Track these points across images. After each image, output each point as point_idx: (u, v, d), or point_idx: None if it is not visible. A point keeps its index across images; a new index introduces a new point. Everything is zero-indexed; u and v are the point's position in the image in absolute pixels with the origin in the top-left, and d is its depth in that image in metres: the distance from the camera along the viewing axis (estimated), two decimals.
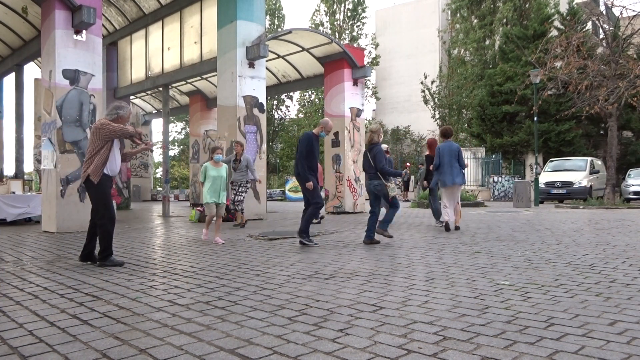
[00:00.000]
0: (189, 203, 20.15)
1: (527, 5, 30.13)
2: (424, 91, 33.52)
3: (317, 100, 34.62)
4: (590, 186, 18.89)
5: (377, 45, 36.74)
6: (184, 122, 42.16)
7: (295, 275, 4.60)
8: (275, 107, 36.77)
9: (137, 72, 16.97)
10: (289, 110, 38.67)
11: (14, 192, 11.50)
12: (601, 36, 20.66)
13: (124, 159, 5.65)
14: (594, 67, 16.00)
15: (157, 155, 39.87)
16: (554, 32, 23.97)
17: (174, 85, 18.20)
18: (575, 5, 26.89)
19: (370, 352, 2.50)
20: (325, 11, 35.58)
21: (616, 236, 7.27)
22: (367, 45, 35.63)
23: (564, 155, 23.86)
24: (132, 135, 5.33)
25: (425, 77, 33.10)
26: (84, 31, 9.40)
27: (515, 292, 3.75)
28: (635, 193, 18.20)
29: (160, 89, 16.31)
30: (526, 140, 25.80)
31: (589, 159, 20.63)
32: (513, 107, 24.69)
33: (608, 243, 6.51)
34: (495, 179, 23.10)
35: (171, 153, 39.68)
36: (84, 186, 5.49)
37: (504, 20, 30.93)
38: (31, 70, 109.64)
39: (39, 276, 4.73)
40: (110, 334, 2.85)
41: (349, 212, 13.88)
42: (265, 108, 12.34)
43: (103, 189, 5.26)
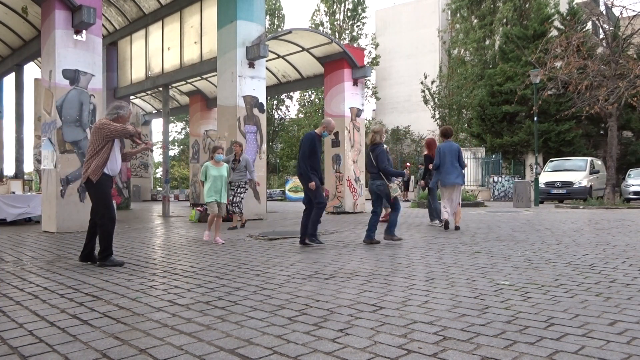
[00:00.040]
0: (189, 203, 20.14)
1: (527, 5, 30.11)
2: (424, 91, 33.50)
3: (317, 100, 34.60)
4: (590, 186, 18.89)
5: (377, 45, 36.73)
6: (184, 122, 42.15)
7: (295, 275, 4.60)
8: (275, 107, 36.76)
9: (137, 72, 16.97)
10: (289, 110, 38.71)
11: (14, 192, 11.50)
12: (601, 36, 20.66)
13: (124, 158, 5.65)
14: (594, 67, 16.00)
15: (157, 155, 39.89)
16: (554, 32, 23.96)
17: (174, 85, 18.20)
18: (575, 5, 26.87)
19: (370, 352, 2.50)
20: (325, 11, 35.57)
21: (616, 236, 7.27)
22: (367, 45, 35.61)
23: (564, 155, 23.85)
24: (133, 135, 5.34)
25: (425, 77, 33.08)
26: (84, 31, 9.40)
27: (515, 292, 3.75)
28: (635, 193, 18.20)
29: (160, 89, 16.31)
30: (526, 140, 25.79)
31: (589, 159, 20.62)
32: (513, 107, 24.68)
33: (608, 243, 6.51)
34: (495, 179, 23.10)
35: (171, 153, 39.68)
36: (84, 186, 5.49)
37: (504, 20, 30.92)
38: (31, 70, 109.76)
39: (39, 276, 4.73)
40: (110, 334, 2.85)
41: (349, 212, 13.88)
42: (265, 108, 12.34)
43: (103, 189, 5.26)
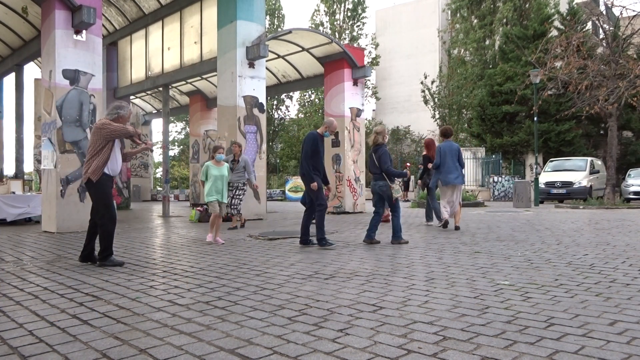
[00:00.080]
0: (189, 203, 20.15)
1: (527, 5, 30.12)
2: (424, 91, 33.51)
3: (317, 100, 34.61)
4: (590, 186, 18.89)
5: (377, 45, 36.74)
6: (184, 122, 42.16)
7: (295, 275, 4.60)
8: (275, 107, 36.76)
9: (137, 72, 16.98)
10: (288, 110, 38.72)
11: (14, 192, 11.50)
12: (601, 36, 20.66)
13: (124, 159, 5.65)
14: (594, 67, 16.00)
15: (157, 155, 39.92)
16: (554, 32, 23.97)
17: (174, 85, 18.21)
18: (575, 5, 26.88)
19: (370, 352, 2.50)
20: (325, 11, 35.58)
21: (616, 236, 7.27)
22: (367, 45, 35.62)
23: (564, 155, 23.85)
24: (132, 135, 5.34)
25: (425, 77, 33.08)
26: (84, 31, 9.40)
27: (515, 292, 3.75)
28: (635, 193, 18.20)
29: (160, 89, 16.32)
30: (526, 140, 25.79)
31: (589, 159, 20.63)
32: (513, 107, 24.69)
33: (608, 243, 6.51)
34: (495, 179, 23.11)
35: (171, 153, 39.69)
36: (84, 186, 5.49)
37: (504, 20, 30.93)
38: (31, 70, 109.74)
39: (39, 276, 4.73)
40: (110, 334, 2.85)
41: (349, 212, 13.88)
42: (265, 108, 12.34)
43: (103, 189, 5.26)
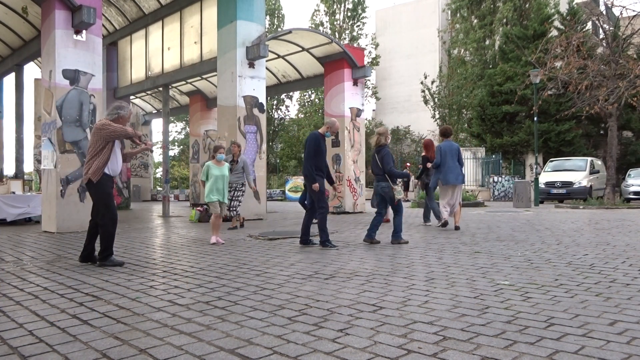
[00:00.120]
0: (189, 203, 20.15)
1: (527, 5, 30.12)
2: (424, 91, 33.51)
3: (317, 100, 34.61)
4: (590, 186, 18.89)
5: (377, 45, 36.73)
6: (184, 122, 42.16)
7: (295, 275, 4.60)
8: (275, 107, 36.76)
9: (137, 72, 16.98)
10: (288, 110, 38.72)
11: (14, 192, 11.50)
12: (601, 36, 20.66)
13: (124, 159, 5.65)
14: (594, 67, 16.00)
15: (157, 155, 39.90)
16: (554, 32, 23.97)
17: (174, 85, 18.20)
18: (575, 5, 26.88)
19: (370, 352, 2.50)
20: (325, 11, 35.58)
21: (616, 236, 7.27)
22: (367, 45, 35.61)
23: (564, 155, 23.86)
24: (132, 136, 5.34)
25: (425, 77, 33.09)
26: (84, 31, 9.40)
27: (515, 292, 3.75)
28: (635, 193, 18.20)
29: (160, 89, 16.32)
30: (526, 140, 25.79)
31: (589, 159, 20.63)
32: (513, 107, 24.69)
33: (608, 243, 6.52)
34: (495, 179, 23.11)
35: (171, 153, 39.69)
36: (85, 186, 5.49)
37: (504, 20, 30.92)
38: (31, 70, 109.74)
39: (39, 276, 4.73)
40: (110, 334, 2.85)
41: (349, 212, 13.88)
42: (265, 108, 12.35)
43: (104, 189, 5.26)
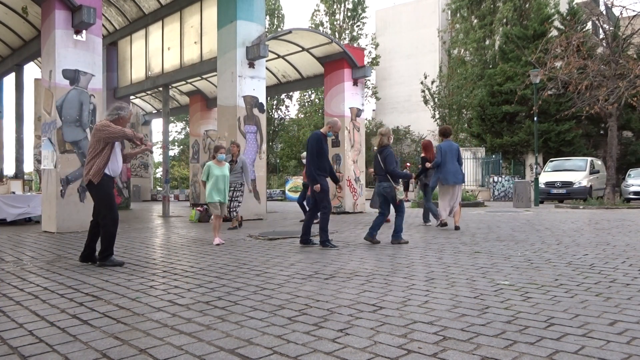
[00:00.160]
0: (189, 203, 20.15)
1: (527, 5, 30.10)
2: (424, 91, 33.49)
3: (317, 100, 34.60)
4: (590, 186, 18.89)
5: (377, 45, 36.72)
6: (184, 122, 42.15)
7: (295, 275, 4.60)
8: (275, 107, 36.76)
9: (137, 72, 16.97)
10: (288, 110, 38.70)
11: (14, 192, 11.50)
12: (601, 36, 20.66)
13: (124, 159, 5.65)
14: (594, 67, 16.00)
15: (157, 155, 39.89)
16: (554, 32, 23.96)
17: (174, 85, 18.20)
18: (575, 5, 26.87)
19: (370, 352, 2.50)
20: (325, 11, 35.56)
21: (616, 236, 7.27)
22: (367, 45, 35.60)
23: (564, 155, 23.85)
24: (131, 138, 5.34)
25: (425, 77, 33.07)
26: (84, 31, 9.40)
27: (515, 292, 3.75)
28: (635, 193, 18.20)
29: (160, 89, 16.31)
30: (526, 140, 25.79)
31: (589, 159, 20.62)
32: (513, 107, 24.68)
33: (608, 243, 6.51)
34: (495, 179, 23.10)
35: (171, 153, 39.68)
36: (85, 187, 5.49)
37: (504, 20, 30.91)
38: (31, 70, 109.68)
39: (39, 276, 4.73)
40: (110, 334, 2.85)
41: (349, 212, 13.88)
42: (265, 108, 12.35)
43: (105, 190, 5.26)
